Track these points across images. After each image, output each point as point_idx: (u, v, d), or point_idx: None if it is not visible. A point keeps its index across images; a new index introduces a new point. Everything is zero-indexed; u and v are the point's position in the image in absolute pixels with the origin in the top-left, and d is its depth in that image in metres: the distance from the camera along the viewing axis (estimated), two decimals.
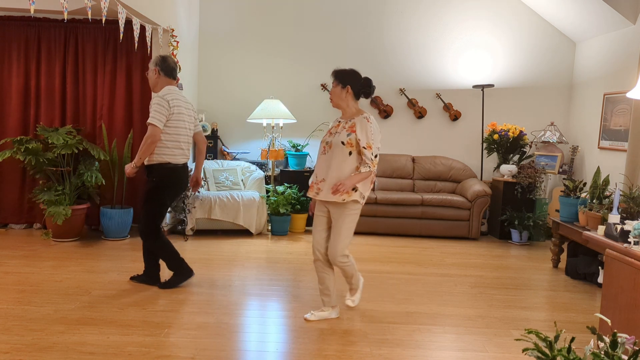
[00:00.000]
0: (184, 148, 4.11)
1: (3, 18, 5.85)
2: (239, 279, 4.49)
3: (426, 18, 7.14)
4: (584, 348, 1.86)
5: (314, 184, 3.61)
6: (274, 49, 7.16)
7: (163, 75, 4.10)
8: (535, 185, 6.44)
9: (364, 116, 3.51)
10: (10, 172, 5.92)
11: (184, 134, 4.10)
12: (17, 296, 3.84)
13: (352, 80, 3.57)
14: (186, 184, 4.28)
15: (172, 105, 3.97)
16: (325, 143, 3.58)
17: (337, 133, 3.54)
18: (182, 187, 4.23)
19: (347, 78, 3.56)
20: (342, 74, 3.59)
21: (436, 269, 5.07)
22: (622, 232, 3.21)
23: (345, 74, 3.58)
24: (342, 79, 3.57)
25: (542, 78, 7.20)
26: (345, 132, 3.50)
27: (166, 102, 3.94)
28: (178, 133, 4.05)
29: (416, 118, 7.24)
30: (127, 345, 3.11)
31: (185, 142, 4.12)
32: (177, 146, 4.05)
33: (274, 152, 6.38)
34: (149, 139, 3.93)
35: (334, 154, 3.50)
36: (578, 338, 3.48)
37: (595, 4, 5.89)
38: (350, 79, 3.56)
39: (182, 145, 4.09)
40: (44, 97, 5.93)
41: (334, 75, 3.62)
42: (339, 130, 3.54)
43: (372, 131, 3.47)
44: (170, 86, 4.09)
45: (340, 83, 3.56)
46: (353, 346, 3.24)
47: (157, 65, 4.10)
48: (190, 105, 4.21)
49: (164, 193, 4.10)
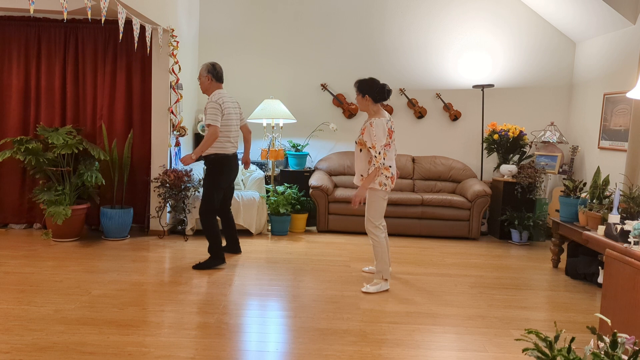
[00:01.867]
0: (233, 141, 4.80)
1: (3, 18, 5.85)
2: (239, 279, 4.49)
3: (426, 18, 7.14)
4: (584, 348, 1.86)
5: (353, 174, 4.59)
6: (274, 49, 7.16)
7: (215, 81, 4.79)
8: (535, 185, 6.44)
9: (370, 121, 4.20)
10: (10, 172, 5.93)
11: (234, 129, 4.81)
12: (17, 296, 3.84)
13: (369, 89, 4.26)
14: (236, 170, 4.97)
15: (224, 107, 4.67)
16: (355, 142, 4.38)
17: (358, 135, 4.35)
18: (234, 172, 4.94)
19: (365, 88, 4.27)
20: (361, 84, 4.28)
21: (436, 269, 5.07)
22: (622, 232, 3.22)
23: (363, 84, 4.28)
24: (361, 89, 4.28)
25: (542, 78, 7.20)
26: (360, 133, 4.27)
27: (219, 105, 4.64)
28: (229, 130, 4.75)
29: (416, 118, 7.24)
30: (127, 345, 3.12)
31: (234, 137, 4.83)
32: (227, 140, 4.75)
33: (274, 152, 6.38)
34: (211, 137, 4.60)
35: (356, 151, 4.37)
36: (578, 338, 3.49)
37: (595, 4, 5.89)
38: (367, 88, 4.26)
39: (232, 139, 4.79)
40: (44, 97, 5.93)
41: (355, 86, 4.32)
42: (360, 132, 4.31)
43: (374, 133, 4.14)
44: (220, 90, 4.78)
45: (360, 93, 4.29)
46: (353, 346, 3.24)
47: (209, 72, 4.76)
48: (236, 104, 4.93)
49: (220, 178, 4.79)
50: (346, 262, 5.15)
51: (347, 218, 6.37)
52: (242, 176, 6.55)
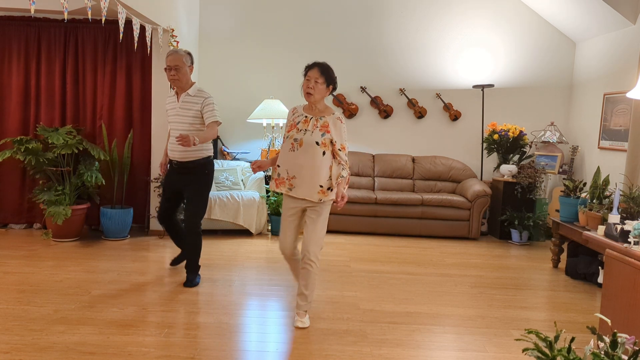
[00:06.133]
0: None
1: (3, 18, 5.85)
2: (239, 279, 4.49)
3: (426, 18, 7.14)
4: (584, 348, 1.86)
5: (285, 179, 3.46)
6: (273, 48, 7.16)
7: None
8: (535, 185, 6.44)
9: (337, 117, 3.45)
10: (10, 172, 5.92)
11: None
12: (17, 296, 3.84)
13: (334, 79, 3.49)
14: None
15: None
16: (294, 140, 3.43)
17: (307, 130, 3.42)
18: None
19: (331, 77, 3.46)
20: (329, 72, 3.45)
21: (436, 269, 5.07)
22: (622, 232, 3.22)
23: (331, 73, 3.46)
24: (328, 78, 3.44)
25: (542, 78, 7.20)
26: (319, 131, 3.41)
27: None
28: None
29: (416, 118, 7.24)
30: (127, 345, 3.11)
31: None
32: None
33: (274, 152, 6.38)
34: (215, 134, 4.17)
35: (306, 152, 3.40)
36: (578, 338, 3.49)
37: (595, 4, 5.89)
38: (333, 79, 3.47)
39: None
40: (44, 97, 5.93)
41: (320, 70, 3.41)
42: (310, 128, 3.42)
43: (345, 132, 3.46)
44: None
45: (326, 82, 3.43)
46: (353, 346, 3.24)
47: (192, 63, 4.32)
48: None
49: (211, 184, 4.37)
50: (346, 262, 5.15)
51: (347, 218, 6.37)
52: (242, 176, 6.55)
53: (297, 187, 3.44)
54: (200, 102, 4.18)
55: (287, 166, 3.46)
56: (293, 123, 3.51)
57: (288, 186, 3.47)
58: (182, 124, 4.21)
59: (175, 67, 4.16)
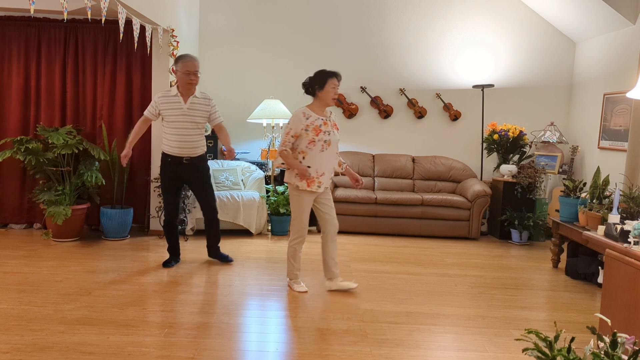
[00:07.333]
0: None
1: (3, 18, 5.85)
2: (239, 279, 4.49)
3: (426, 18, 7.14)
4: (584, 348, 1.86)
5: (315, 178, 3.96)
6: (274, 48, 7.16)
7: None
8: (535, 185, 6.44)
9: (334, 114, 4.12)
10: (10, 172, 5.93)
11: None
12: (17, 296, 3.84)
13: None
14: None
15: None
16: (324, 141, 3.94)
17: (328, 132, 3.96)
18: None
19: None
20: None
21: (436, 269, 5.07)
22: (622, 232, 3.22)
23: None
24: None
25: (542, 78, 7.20)
26: (336, 130, 4.05)
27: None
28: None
29: (416, 118, 7.25)
30: (127, 345, 3.12)
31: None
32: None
33: (274, 152, 6.38)
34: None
35: (332, 150, 3.99)
36: (578, 338, 3.49)
37: (595, 4, 5.89)
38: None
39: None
40: (44, 97, 5.94)
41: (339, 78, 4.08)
42: (330, 129, 3.97)
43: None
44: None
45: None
46: (353, 346, 3.24)
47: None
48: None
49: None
50: (346, 262, 5.15)
51: (347, 218, 6.37)
52: (242, 176, 6.55)
53: (323, 183, 4.00)
54: (208, 104, 4.60)
55: (317, 166, 3.95)
56: (316, 126, 3.94)
57: (317, 184, 3.98)
58: (192, 123, 4.53)
59: (197, 72, 4.52)
